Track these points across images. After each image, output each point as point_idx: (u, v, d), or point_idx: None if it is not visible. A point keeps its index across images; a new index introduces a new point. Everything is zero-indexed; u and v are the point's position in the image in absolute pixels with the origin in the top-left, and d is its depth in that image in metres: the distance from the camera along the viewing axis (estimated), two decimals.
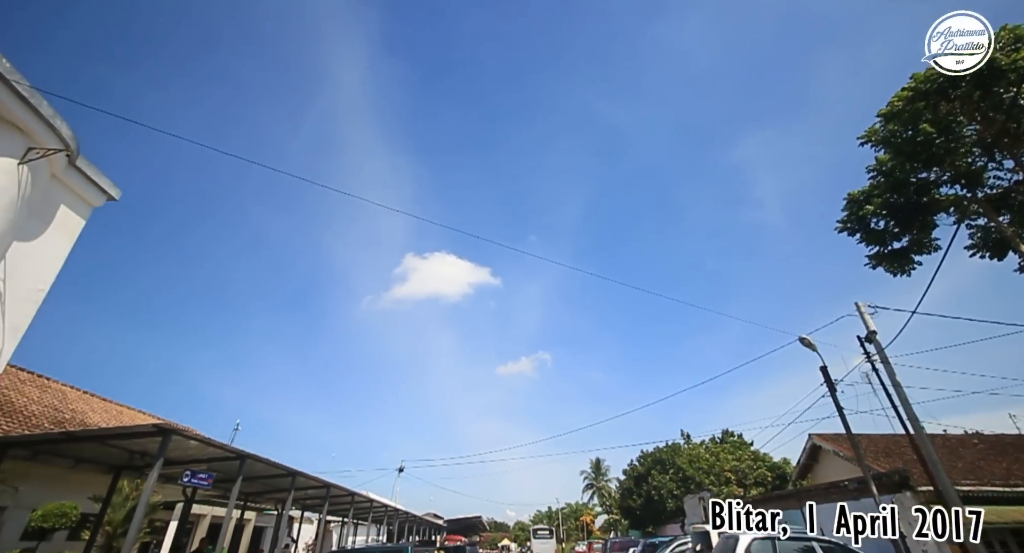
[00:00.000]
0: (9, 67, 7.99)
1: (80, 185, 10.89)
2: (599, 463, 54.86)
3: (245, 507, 18.87)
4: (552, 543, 34.91)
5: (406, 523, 31.29)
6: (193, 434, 9.31)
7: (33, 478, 12.31)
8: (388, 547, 12.88)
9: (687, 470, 30.38)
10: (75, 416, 14.93)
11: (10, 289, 9.30)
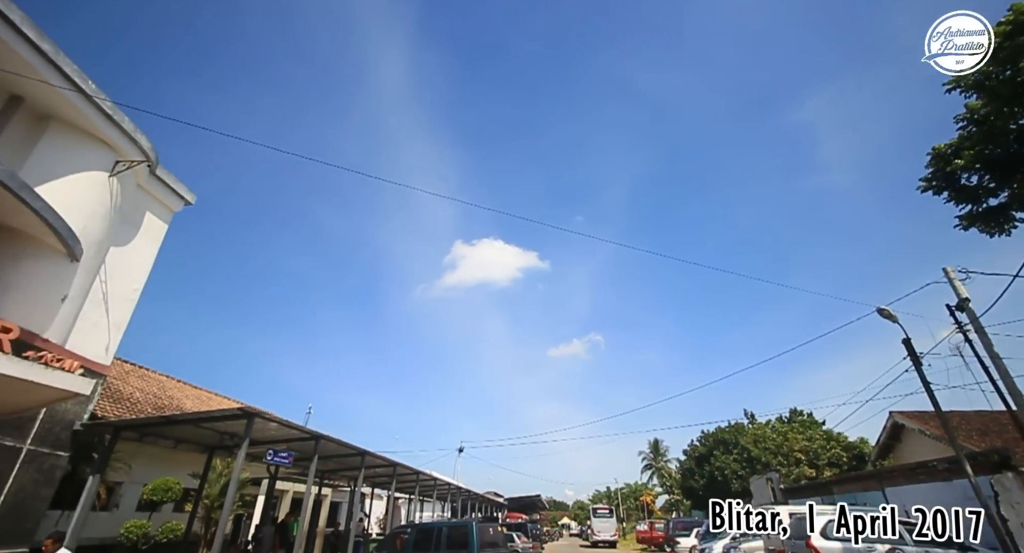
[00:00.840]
0: (94, 88, 8.73)
1: (161, 192, 11.85)
2: (657, 444, 54.19)
3: (322, 484, 20.31)
4: (612, 522, 35.00)
5: (468, 501, 32.48)
6: (272, 417, 10.07)
7: (142, 457, 13.86)
8: (453, 522, 13.48)
9: (752, 450, 29.29)
10: (172, 402, 16.57)
11: (111, 290, 10.38)
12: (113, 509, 13.84)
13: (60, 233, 8.13)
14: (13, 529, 8.00)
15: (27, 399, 6.83)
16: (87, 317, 9.63)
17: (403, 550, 10.72)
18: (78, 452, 9.69)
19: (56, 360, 6.95)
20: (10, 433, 7.97)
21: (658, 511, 54.69)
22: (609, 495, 66.74)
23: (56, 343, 8.43)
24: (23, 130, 8.68)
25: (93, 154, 9.41)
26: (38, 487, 8.48)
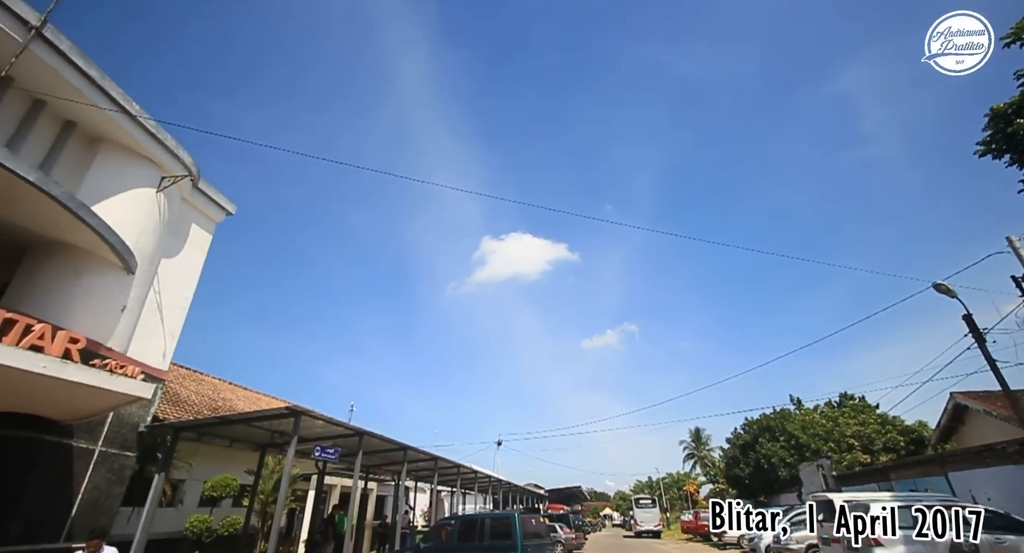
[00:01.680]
0: (139, 109, 9.19)
1: (204, 205, 12.41)
2: (699, 432, 53.16)
3: (367, 478, 20.98)
4: (655, 512, 34.62)
5: (509, 493, 32.82)
6: (318, 415, 10.44)
7: (201, 456, 14.67)
8: (496, 513, 13.67)
9: (800, 437, 28.28)
10: (225, 403, 17.44)
11: (164, 299, 10.97)
12: (178, 505, 14.73)
13: (116, 248, 8.66)
14: (91, 524, 8.61)
15: (96, 404, 7.33)
16: (144, 325, 10.24)
17: (448, 541, 10.95)
18: (143, 452, 10.34)
19: (119, 367, 7.43)
20: (83, 436, 8.59)
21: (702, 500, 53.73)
22: (651, 485, 66.05)
23: (118, 351, 9.00)
24: (78, 153, 9.28)
25: (141, 172, 9.97)
26: (111, 485, 9.11)
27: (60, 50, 7.96)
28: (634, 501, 37.77)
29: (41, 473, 7.82)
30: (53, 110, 8.78)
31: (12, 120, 8.19)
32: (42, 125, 8.66)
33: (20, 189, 6.88)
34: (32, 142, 8.48)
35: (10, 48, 7.41)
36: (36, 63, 7.74)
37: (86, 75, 8.42)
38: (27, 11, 7.45)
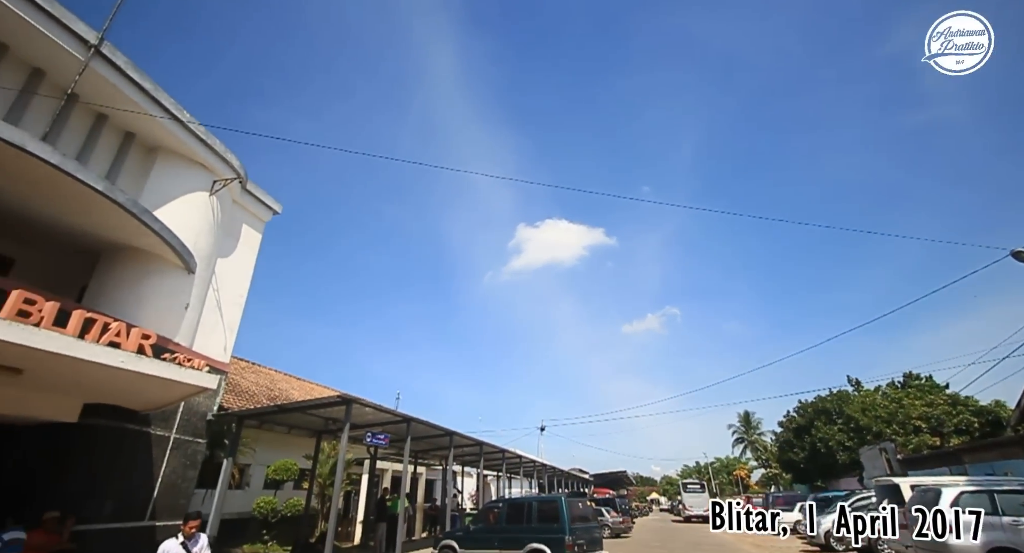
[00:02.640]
0: (189, 117, 9.69)
1: (253, 205, 13.01)
2: (748, 416, 51.70)
3: (416, 463, 21.74)
4: (705, 497, 34.08)
5: (554, 477, 33.16)
6: (367, 402, 10.87)
7: (262, 442, 15.64)
8: (542, 497, 13.85)
9: (860, 419, 26.89)
10: (282, 393, 18.45)
11: (222, 296, 11.63)
12: (245, 487, 15.82)
13: (177, 250, 9.26)
14: (170, 505, 9.42)
15: (168, 395, 7.92)
16: (206, 321, 10.93)
17: (496, 523, 11.20)
18: (212, 439, 11.12)
19: (187, 360, 7.98)
20: (159, 425, 9.33)
21: (754, 485, 52.39)
22: (699, 470, 65.01)
23: (185, 345, 9.66)
24: (138, 162, 9.95)
25: (195, 176, 10.57)
26: (185, 469, 9.88)
27: (117, 65, 8.50)
28: (682, 486, 37.33)
29: (126, 458, 8.57)
30: (114, 123, 9.43)
31: (80, 134, 8.86)
32: (105, 138, 9.33)
33: (91, 199, 7.44)
34: (98, 154, 9.16)
35: (72, 66, 7.97)
36: (96, 79, 8.30)
37: (141, 88, 8.97)
38: (86, 30, 7.97)
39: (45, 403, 7.19)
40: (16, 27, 7.42)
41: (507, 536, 10.64)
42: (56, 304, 5.91)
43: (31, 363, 5.95)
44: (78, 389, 7.31)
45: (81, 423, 7.67)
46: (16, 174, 6.84)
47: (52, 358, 5.72)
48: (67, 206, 7.73)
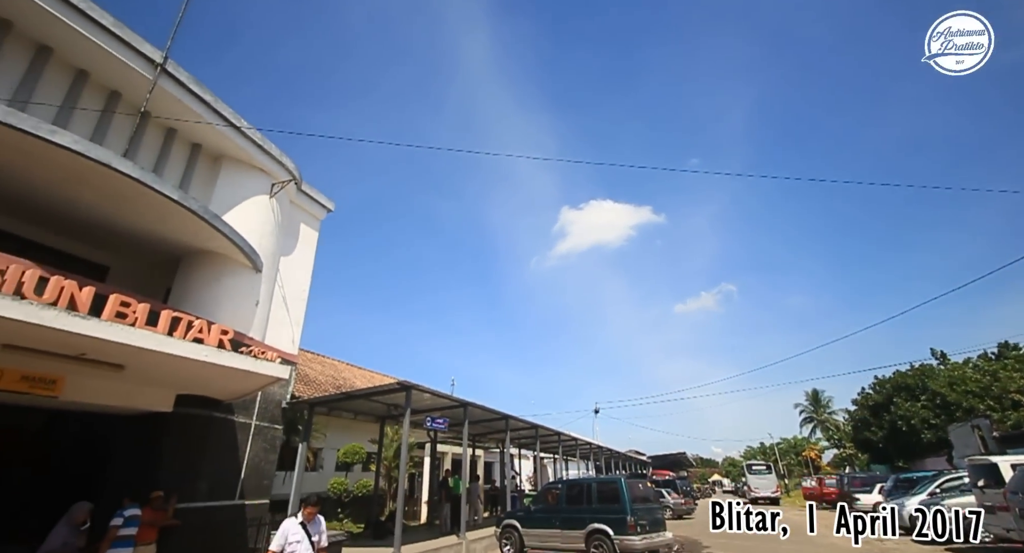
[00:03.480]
0: (246, 124, 10.25)
1: (308, 205, 13.64)
2: (817, 394, 48.92)
3: (474, 446, 22.39)
4: (772, 478, 32.87)
5: (610, 459, 33.10)
6: (425, 388, 11.26)
7: (332, 428, 16.66)
8: (602, 478, 13.88)
9: (948, 395, 24.72)
10: (346, 382, 19.49)
11: (287, 292, 12.35)
12: (319, 469, 16.98)
13: (245, 251, 9.92)
14: (255, 486, 10.26)
15: (247, 385, 8.57)
16: (274, 316, 11.68)
17: (556, 504, 11.36)
18: (287, 425, 11.96)
19: (261, 352, 8.60)
20: (241, 413, 10.13)
21: (825, 466, 49.83)
22: (764, 451, 62.62)
23: (258, 339, 10.39)
24: (205, 170, 10.70)
25: (255, 181, 11.23)
26: (266, 453, 10.70)
27: (181, 81, 9.11)
28: (746, 467, 36.20)
29: (216, 444, 9.40)
30: (182, 136, 10.15)
31: (154, 149, 9.62)
32: (176, 150, 10.07)
33: (168, 207, 8.09)
34: (171, 166, 9.92)
35: (143, 85, 8.62)
36: (164, 96, 8.94)
37: (203, 100, 9.59)
38: (152, 51, 8.59)
39: (144, 395, 7.99)
40: (95, 54, 8.11)
41: (568, 516, 10.77)
42: (147, 305, 6.52)
43: (130, 359, 6.61)
44: (170, 382, 8.07)
45: (175, 412, 8.47)
46: (104, 189, 7.54)
47: (147, 354, 6.33)
48: (148, 216, 8.45)
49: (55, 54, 8.05)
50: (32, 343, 5.78)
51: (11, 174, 7.13)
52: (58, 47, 7.99)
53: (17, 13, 7.39)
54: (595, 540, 9.88)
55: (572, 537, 10.39)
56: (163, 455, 8.38)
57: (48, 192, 7.63)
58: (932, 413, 25.35)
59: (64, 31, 7.67)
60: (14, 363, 6.17)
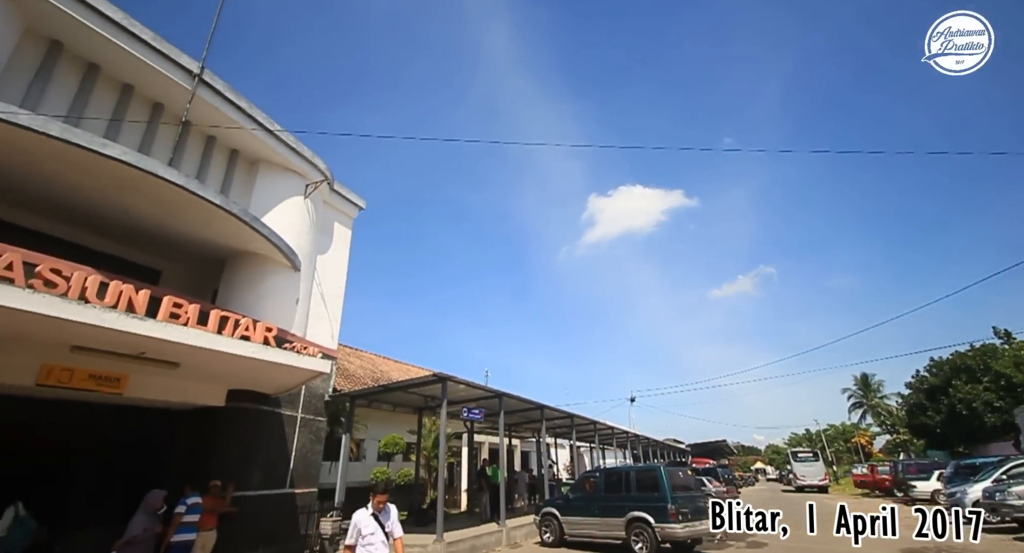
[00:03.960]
0: (279, 128, 10.57)
1: (340, 204, 13.97)
2: (866, 378, 46.63)
3: (511, 435, 22.63)
4: (819, 466, 31.78)
5: (648, 447, 32.77)
6: (461, 380, 11.43)
7: (372, 419, 17.17)
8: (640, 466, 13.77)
9: (1013, 376, 23.13)
10: (384, 375, 20.02)
11: (325, 290, 12.73)
12: (362, 459, 17.55)
13: (284, 251, 10.29)
14: (304, 475, 10.73)
15: (291, 379, 8.94)
16: (313, 313, 12.10)
17: (595, 492, 11.35)
18: (331, 417, 12.42)
19: (303, 348, 8.94)
20: (288, 406, 10.59)
21: (877, 453, 47.73)
22: (810, 438, 60.50)
23: (299, 336, 10.79)
24: (243, 175, 11.13)
25: (290, 183, 11.60)
26: (313, 444, 11.16)
27: (217, 90, 9.48)
28: (791, 455, 35.15)
29: (266, 435, 9.87)
30: (221, 143, 10.58)
31: (196, 156, 10.08)
32: (216, 157, 10.52)
33: (211, 212, 8.47)
34: (212, 172, 10.37)
35: (182, 96, 9.01)
36: (202, 104, 9.32)
37: (238, 107, 9.95)
38: (189, 62, 8.96)
39: (198, 390, 8.46)
40: (139, 68, 8.55)
41: (607, 504, 10.75)
42: (197, 306, 6.87)
43: (184, 357, 7.01)
44: (222, 377, 8.51)
45: (227, 406, 8.94)
46: (152, 197, 7.96)
47: (199, 352, 6.69)
48: (193, 220, 8.87)
49: (102, 71, 8.51)
50: (97, 344, 6.21)
51: (67, 186, 7.63)
52: (105, 64, 8.45)
53: (68, 34, 7.85)
54: (635, 528, 9.84)
55: (612, 525, 10.38)
56: (218, 446, 8.87)
57: (102, 202, 8.12)
58: (996, 395, 23.79)
59: (109, 48, 8.10)
60: (82, 363, 6.65)
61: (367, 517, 4.59)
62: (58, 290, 5.36)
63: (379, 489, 4.79)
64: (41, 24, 7.64)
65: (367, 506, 4.72)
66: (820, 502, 22.63)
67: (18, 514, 7.54)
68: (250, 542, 8.77)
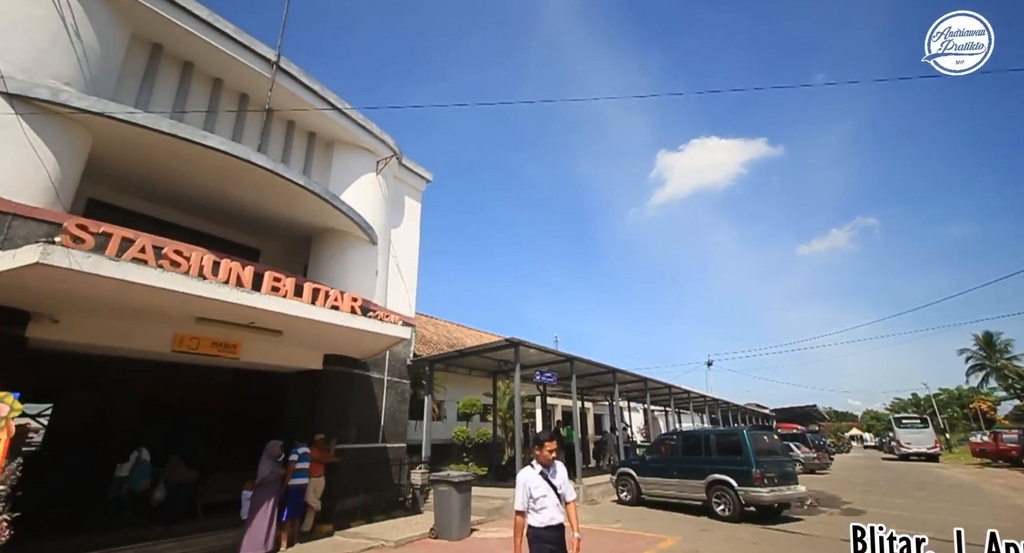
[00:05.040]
0: (349, 107, 10.99)
1: (409, 178, 14.42)
2: (990, 337, 41.04)
3: (583, 399, 22.94)
4: (929, 433, 29.06)
5: (728, 412, 31.74)
6: (532, 344, 11.68)
7: (450, 382, 18.17)
8: (721, 429, 13.41)
9: None
10: (458, 341, 20.97)
11: (400, 261, 13.37)
12: (443, 419, 18.78)
13: (362, 226, 10.92)
14: (393, 431, 11.69)
15: (376, 345, 9.64)
16: (391, 284, 12.82)
17: (672, 455, 11.29)
18: (412, 380, 13.30)
19: (385, 316, 9.58)
20: (375, 369, 11.48)
21: (1002, 419, 42.60)
22: (918, 403, 55.25)
23: (380, 305, 11.54)
24: (321, 155, 11.82)
25: (363, 160, 12.15)
26: (399, 404, 12.08)
27: (292, 75, 10.02)
28: (894, 420, 32.45)
29: (358, 396, 10.82)
30: (300, 127, 11.27)
31: (280, 141, 10.84)
32: (297, 140, 11.25)
33: (296, 193, 9.13)
34: (295, 155, 11.12)
35: (263, 84, 9.61)
36: (280, 91, 9.89)
37: (311, 90, 10.48)
38: (267, 50, 9.51)
39: (299, 355, 9.41)
40: (226, 62, 9.25)
41: (685, 466, 10.68)
42: (293, 280, 7.55)
43: (285, 325, 7.78)
44: (317, 344, 9.37)
45: (325, 369, 9.86)
46: (246, 181, 8.72)
47: (297, 321, 7.39)
48: (282, 201, 9.63)
49: (196, 68, 9.29)
50: (216, 315, 7.07)
51: (177, 177, 8.56)
52: (197, 61, 9.21)
53: (165, 35, 8.62)
54: (717, 490, 9.72)
55: (691, 486, 10.34)
56: (318, 405, 9.87)
57: (206, 189, 9.05)
58: None
59: (199, 45, 8.80)
60: (206, 332, 7.63)
61: (536, 476, 3.74)
62: (181, 269, 6.13)
63: (544, 437, 3.85)
64: (143, 29, 8.43)
65: (531, 463, 3.82)
66: (929, 471, 20.92)
67: (140, 458, 9.20)
68: (353, 488, 9.83)
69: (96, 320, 6.66)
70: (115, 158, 7.85)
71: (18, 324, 6.11)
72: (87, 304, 6.13)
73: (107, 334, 6.82)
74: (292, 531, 7.65)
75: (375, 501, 10.15)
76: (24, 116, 6.44)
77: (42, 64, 6.80)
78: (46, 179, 6.63)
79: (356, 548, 7.45)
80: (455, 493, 8.13)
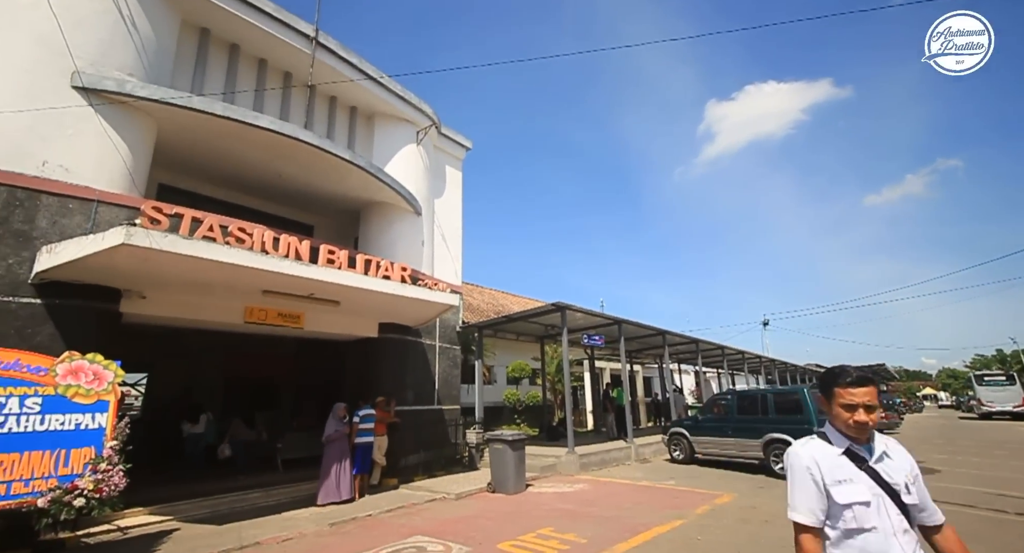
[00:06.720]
0: (389, 78, 11.00)
1: (449, 147, 14.40)
2: None
3: (632, 361, 22.88)
4: (1015, 390, 26.88)
5: (785, 372, 30.73)
6: (579, 308, 11.67)
7: (498, 348, 18.58)
8: (779, 388, 13.03)
9: None
10: (505, 307, 21.28)
11: (445, 231, 13.58)
12: (493, 383, 19.38)
13: (406, 198, 11.11)
14: (447, 394, 12.22)
15: (426, 312, 9.99)
16: (437, 253, 13.09)
17: (726, 414, 11.15)
18: (463, 346, 13.73)
19: (434, 284, 9.85)
20: (427, 336, 11.93)
21: None
22: (1004, 359, 51.06)
23: (428, 274, 11.86)
24: (363, 129, 12.00)
25: (404, 132, 12.23)
26: (451, 368, 12.56)
27: (332, 50, 10.10)
28: (975, 378, 30.29)
29: (413, 361, 11.34)
30: (342, 102, 11.44)
31: (324, 118, 11.07)
32: (339, 115, 11.44)
33: (342, 168, 9.38)
34: (338, 130, 11.34)
35: (304, 60, 9.76)
36: (321, 66, 10.02)
37: (350, 63, 10.55)
38: (306, 26, 9.61)
39: (356, 324, 9.91)
40: (268, 41, 9.46)
41: (741, 426, 10.55)
42: (346, 252, 7.87)
43: (342, 296, 8.19)
44: (372, 312, 9.82)
45: (380, 337, 10.36)
46: (295, 159, 9.03)
47: (353, 291, 7.75)
48: (329, 178, 9.94)
49: (242, 50, 9.55)
50: (279, 288, 7.53)
51: (233, 158, 8.99)
52: (243, 42, 9.46)
53: (211, 19, 8.88)
54: (775, 449, 9.58)
55: (747, 445, 10.24)
56: (376, 370, 10.44)
57: (260, 169, 9.47)
58: None
59: (243, 26, 9.01)
60: (272, 304, 8.17)
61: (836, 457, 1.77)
62: (246, 245, 6.53)
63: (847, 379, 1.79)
64: (191, 15, 8.72)
65: (817, 433, 1.88)
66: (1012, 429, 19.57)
67: (209, 419, 10.69)
68: (413, 446, 10.48)
69: (177, 295, 7.29)
70: (178, 143, 8.34)
71: (112, 300, 6.79)
72: (167, 280, 6.71)
73: (187, 307, 7.47)
74: (362, 484, 8.32)
75: (435, 458, 10.79)
76: (97, 108, 6.92)
77: (106, 56, 7.22)
78: (122, 166, 7.16)
79: (421, 499, 8.03)
80: (509, 450, 8.50)
